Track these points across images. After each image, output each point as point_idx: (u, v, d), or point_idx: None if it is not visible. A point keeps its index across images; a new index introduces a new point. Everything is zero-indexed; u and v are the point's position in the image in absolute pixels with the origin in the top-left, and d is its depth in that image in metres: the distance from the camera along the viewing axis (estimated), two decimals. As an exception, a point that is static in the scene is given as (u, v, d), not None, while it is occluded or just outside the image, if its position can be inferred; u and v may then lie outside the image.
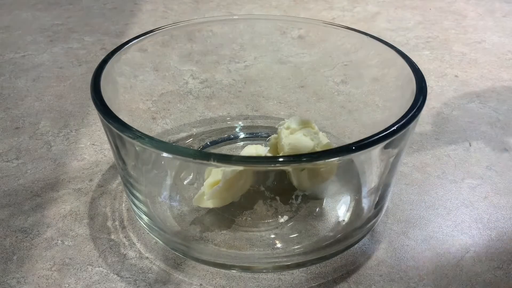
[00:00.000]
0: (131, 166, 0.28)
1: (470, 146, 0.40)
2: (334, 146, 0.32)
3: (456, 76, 0.52)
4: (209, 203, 0.30)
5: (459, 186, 0.36)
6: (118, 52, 0.31)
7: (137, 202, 0.30)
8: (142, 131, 0.23)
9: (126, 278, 0.28)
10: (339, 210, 0.32)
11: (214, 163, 0.22)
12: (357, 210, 0.32)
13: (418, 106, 0.25)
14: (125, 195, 0.34)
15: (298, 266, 0.28)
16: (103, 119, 0.25)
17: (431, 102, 0.46)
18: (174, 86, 0.40)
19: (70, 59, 0.54)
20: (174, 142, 0.39)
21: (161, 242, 0.30)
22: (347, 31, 0.35)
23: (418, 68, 0.29)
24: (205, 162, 0.22)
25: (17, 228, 0.31)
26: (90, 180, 0.35)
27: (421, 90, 0.27)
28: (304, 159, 0.23)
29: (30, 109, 0.44)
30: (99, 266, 0.28)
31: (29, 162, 0.37)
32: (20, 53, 0.55)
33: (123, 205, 0.33)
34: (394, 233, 0.31)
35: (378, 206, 0.30)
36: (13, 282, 0.27)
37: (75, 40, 0.59)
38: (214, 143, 0.39)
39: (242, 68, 0.43)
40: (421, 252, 0.30)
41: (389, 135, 0.23)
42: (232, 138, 0.40)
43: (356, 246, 0.30)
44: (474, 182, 0.36)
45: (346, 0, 0.74)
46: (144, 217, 0.30)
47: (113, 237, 0.30)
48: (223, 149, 0.39)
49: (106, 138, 0.33)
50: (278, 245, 0.30)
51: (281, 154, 0.32)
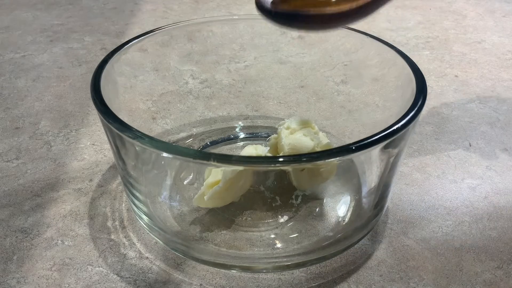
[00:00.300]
0: (131, 166, 0.28)
1: (470, 146, 0.40)
2: (334, 146, 0.32)
3: (456, 76, 0.52)
4: (209, 203, 0.30)
5: (459, 186, 0.36)
6: (118, 52, 0.31)
7: (137, 202, 0.30)
8: (142, 131, 0.23)
9: (126, 278, 0.28)
10: (339, 210, 0.32)
11: (214, 163, 0.22)
12: (357, 210, 0.32)
13: (418, 106, 0.25)
14: (125, 195, 0.34)
15: (298, 266, 0.28)
16: (103, 119, 0.25)
17: (431, 102, 0.46)
18: (174, 86, 0.40)
19: (70, 59, 0.54)
20: (174, 142, 0.39)
21: (161, 242, 0.30)
22: (347, 31, 0.35)
23: (418, 68, 0.29)
24: (205, 162, 0.22)
25: (17, 228, 0.31)
26: (90, 180, 0.35)
27: (421, 90, 0.27)
28: (304, 159, 0.23)
29: (30, 109, 0.44)
30: (99, 266, 0.28)
31: (29, 162, 0.37)
32: (20, 53, 0.55)
33: (123, 205, 0.33)
34: (394, 233, 0.31)
35: (378, 206, 0.30)
36: (13, 282, 0.27)
37: (75, 40, 0.59)
38: (214, 143, 0.39)
39: (242, 68, 0.43)
40: (421, 252, 0.30)
41: (389, 135, 0.23)
42: (232, 138, 0.40)
43: (356, 246, 0.30)
44: (474, 182, 0.36)
45: (346, 0, 0.74)
46: (144, 217, 0.30)
47: (113, 237, 0.30)
48: (223, 149, 0.39)
49: (106, 138, 0.33)
50: (278, 245, 0.30)
51: (281, 154, 0.32)
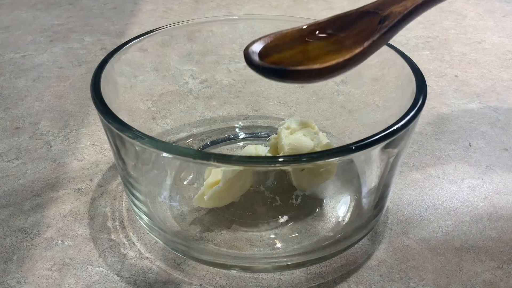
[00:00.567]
0: (131, 166, 0.28)
1: (470, 146, 0.40)
2: (334, 146, 0.32)
3: (456, 76, 0.52)
4: (209, 203, 0.30)
5: (459, 186, 0.36)
6: (118, 52, 0.31)
7: (137, 202, 0.30)
8: (142, 131, 0.23)
9: (126, 278, 0.28)
10: (339, 210, 0.32)
11: (214, 163, 0.22)
12: (357, 210, 0.32)
13: (418, 106, 0.25)
14: (125, 195, 0.34)
15: (298, 266, 0.28)
16: (103, 119, 0.25)
17: (431, 102, 0.46)
18: (174, 86, 0.40)
19: (70, 59, 0.54)
20: (174, 142, 0.39)
21: (161, 242, 0.30)
22: (347, 31, 0.35)
23: (418, 68, 0.29)
24: (205, 162, 0.22)
25: (17, 228, 0.31)
26: (90, 180, 0.35)
27: (421, 90, 0.27)
28: (304, 159, 0.23)
29: (30, 109, 0.44)
30: (99, 266, 0.28)
31: (29, 162, 0.37)
32: (20, 53, 0.55)
33: (123, 205, 0.33)
34: (394, 233, 0.31)
35: (378, 206, 0.30)
36: (13, 282, 0.27)
37: (75, 40, 0.59)
38: (214, 143, 0.39)
39: (242, 68, 0.43)
40: (421, 252, 0.30)
41: (389, 135, 0.23)
42: (232, 138, 0.40)
43: (356, 246, 0.30)
44: (474, 182, 0.36)
45: (346, 0, 0.74)
46: (144, 217, 0.30)
47: (113, 237, 0.30)
48: (223, 149, 0.39)
49: (106, 138, 0.33)
50: (278, 245, 0.30)
51: (281, 154, 0.32)
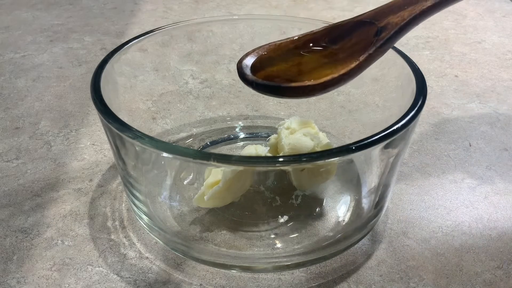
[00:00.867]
0: (131, 166, 0.28)
1: (470, 146, 0.40)
2: (334, 146, 0.32)
3: (456, 76, 0.52)
4: (209, 203, 0.30)
5: (459, 186, 0.36)
6: (118, 52, 0.31)
7: (137, 202, 0.30)
8: (142, 131, 0.23)
9: (126, 278, 0.28)
10: (339, 210, 0.32)
11: (214, 163, 0.22)
12: (357, 210, 0.32)
13: (418, 106, 0.25)
14: (125, 195, 0.34)
15: (298, 266, 0.28)
16: (103, 119, 0.25)
17: (431, 102, 0.46)
18: (174, 86, 0.40)
19: (70, 59, 0.54)
20: (174, 142, 0.39)
21: (161, 242, 0.30)
22: (347, 31, 0.35)
23: (418, 68, 0.29)
24: (205, 162, 0.22)
25: (17, 228, 0.31)
26: (90, 180, 0.35)
27: (421, 90, 0.27)
28: (304, 159, 0.23)
29: (30, 109, 0.44)
30: (99, 266, 0.28)
31: (29, 162, 0.37)
32: (20, 53, 0.55)
33: (123, 205, 0.33)
34: (394, 233, 0.31)
35: (378, 206, 0.30)
36: (13, 282, 0.27)
37: (75, 40, 0.59)
38: (214, 143, 0.39)
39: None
40: (421, 252, 0.30)
41: (389, 135, 0.23)
42: (232, 138, 0.40)
43: (356, 246, 0.30)
44: (474, 182, 0.36)
45: (346, 0, 0.74)
46: (144, 217, 0.30)
47: (113, 237, 0.30)
48: (223, 149, 0.39)
49: (106, 138, 0.33)
50: (278, 245, 0.30)
51: (281, 154, 0.32)
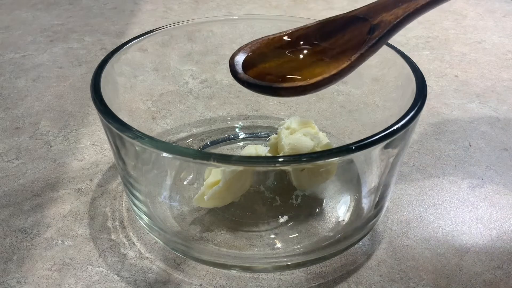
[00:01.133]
0: (131, 166, 0.28)
1: (470, 146, 0.40)
2: (334, 146, 0.32)
3: (456, 76, 0.52)
4: (209, 203, 0.30)
5: (459, 186, 0.36)
6: (118, 52, 0.31)
7: (137, 202, 0.30)
8: (142, 131, 0.23)
9: (126, 278, 0.28)
10: (339, 210, 0.32)
11: (214, 163, 0.22)
12: (357, 210, 0.32)
13: (418, 106, 0.25)
14: (125, 195, 0.34)
15: (298, 266, 0.28)
16: (103, 119, 0.25)
17: (431, 102, 0.46)
18: (174, 86, 0.40)
19: (70, 59, 0.54)
20: (174, 142, 0.39)
21: (161, 242, 0.30)
22: (347, 31, 0.35)
23: (418, 68, 0.29)
24: (205, 162, 0.22)
25: (17, 228, 0.31)
26: (90, 180, 0.35)
27: (421, 90, 0.27)
28: (304, 159, 0.23)
29: (30, 109, 0.44)
30: (99, 266, 0.28)
31: (29, 162, 0.37)
32: (20, 53, 0.55)
33: (123, 205, 0.33)
34: (394, 233, 0.31)
35: (378, 206, 0.30)
36: (13, 282, 0.27)
37: (75, 40, 0.59)
38: (214, 143, 0.39)
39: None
40: (421, 252, 0.30)
41: (389, 135, 0.23)
42: (232, 138, 0.40)
43: (356, 246, 0.30)
44: (474, 182, 0.36)
45: (346, 0, 0.74)
46: (144, 217, 0.30)
47: (113, 237, 0.30)
48: (223, 149, 0.39)
49: (106, 138, 0.33)
50: (278, 245, 0.30)
51: (281, 154, 0.32)
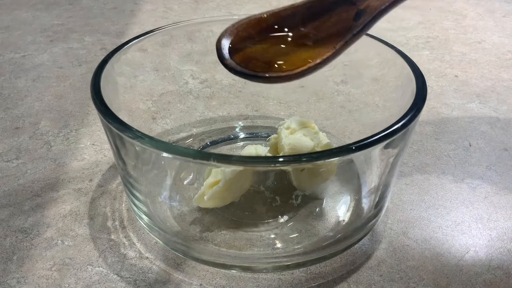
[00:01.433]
0: (131, 166, 0.28)
1: (470, 146, 0.40)
2: (334, 146, 0.32)
3: (456, 76, 0.52)
4: (209, 203, 0.30)
5: (459, 186, 0.36)
6: (118, 52, 0.31)
7: (137, 202, 0.30)
8: (142, 131, 0.23)
9: (126, 278, 0.28)
10: (339, 210, 0.32)
11: (214, 163, 0.22)
12: (357, 210, 0.32)
13: (418, 106, 0.25)
14: (125, 195, 0.34)
15: (298, 266, 0.28)
16: (103, 119, 0.25)
17: (431, 102, 0.46)
18: (174, 86, 0.40)
19: (70, 59, 0.54)
20: (174, 142, 0.39)
21: (161, 242, 0.30)
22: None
23: (418, 68, 0.29)
24: (205, 162, 0.22)
25: (17, 228, 0.31)
26: (90, 180, 0.35)
27: (421, 90, 0.27)
28: (304, 159, 0.23)
29: (30, 109, 0.44)
30: (99, 266, 0.28)
31: (29, 162, 0.37)
32: (20, 53, 0.55)
33: (123, 205, 0.33)
34: (394, 233, 0.31)
35: (378, 206, 0.30)
36: (13, 282, 0.27)
37: (75, 40, 0.59)
38: (214, 143, 0.39)
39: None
40: (421, 252, 0.30)
41: (389, 135, 0.23)
42: (232, 138, 0.40)
43: (356, 246, 0.30)
44: (474, 182, 0.36)
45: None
46: (144, 217, 0.30)
47: (113, 237, 0.30)
48: (223, 149, 0.39)
49: (106, 138, 0.33)
50: (278, 245, 0.30)
51: (281, 154, 0.32)
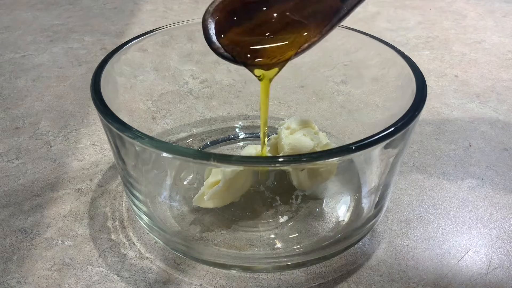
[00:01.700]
0: (131, 166, 0.28)
1: (470, 146, 0.40)
2: (334, 146, 0.32)
3: (456, 76, 0.52)
4: (209, 203, 0.30)
5: (459, 186, 0.36)
6: (118, 52, 0.31)
7: (137, 202, 0.30)
8: (142, 131, 0.23)
9: (126, 278, 0.28)
10: (339, 210, 0.32)
11: (214, 163, 0.22)
12: (357, 210, 0.32)
13: (418, 106, 0.25)
14: (125, 195, 0.34)
15: (298, 266, 0.28)
16: (103, 119, 0.25)
17: (431, 102, 0.46)
18: (174, 86, 0.40)
19: (70, 59, 0.54)
20: (174, 142, 0.39)
21: (161, 242, 0.30)
22: (347, 31, 0.35)
23: (418, 68, 0.29)
24: (205, 162, 0.22)
25: (17, 228, 0.31)
26: (90, 180, 0.35)
27: (421, 90, 0.27)
28: (304, 159, 0.23)
29: (30, 109, 0.44)
30: (99, 266, 0.28)
31: (29, 162, 0.37)
32: (20, 53, 0.55)
33: (123, 205, 0.33)
34: (394, 233, 0.31)
35: (378, 206, 0.30)
36: (13, 282, 0.27)
37: (75, 40, 0.59)
38: (214, 143, 0.39)
39: (242, 68, 0.43)
40: (421, 252, 0.30)
41: (389, 135, 0.23)
42: (232, 138, 0.40)
43: (356, 246, 0.30)
44: (474, 182, 0.36)
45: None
46: (144, 217, 0.30)
47: (113, 237, 0.30)
48: (223, 149, 0.39)
49: (106, 138, 0.33)
50: (278, 245, 0.30)
51: (281, 154, 0.32)
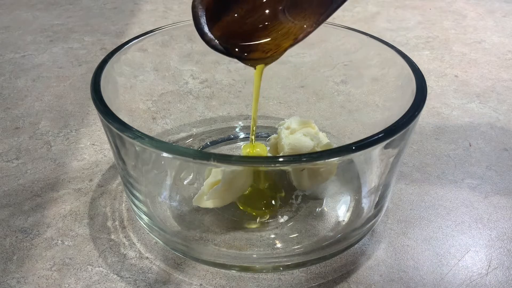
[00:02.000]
0: (131, 166, 0.28)
1: (470, 146, 0.40)
2: (334, 146, 0.32)
3: (456, 76, 0.52)
4: (209, 203, 0.30)
5: (459, 186, 0.36)
6: (118, 52, 0.31)
7: (137, 202, 0.30)
8: (142, 131, 0.23)
9: (126, 278, 0.28)
10: (339, 210, 0.32)
11: (214, 163, 0.22)
12: (357, 210, 0.32)
13: (418, 106, 0.25)
14: (125, 195, 0.34)
15: (298, 266, 0.28)
16: (103, 119, 0.25)
17: (431, 102, 0.46)
18: (174, 86, 0.40)
19: (70, 59, 0.54)
20: (174, 142, 0.39)
21: (161, 242, 0.30)
22: (347, 31, 0.35)
23: (418, 68, 0.29)
24: (205, 162, 0.22)
25: (17, 228, 0.31)
26: (90, 180, 0.35)
27: (421, 90, 0.27)
28: (304, 159, 0.23)
29: (30, 109, 0.44)
30: (99, 266, 0.28)
31: (29, 162, 0.37)
32: (20, 53, 0.55)
33: (123, 205, 0.33)
34: (394, 233, 0.31)
35: (378, 206, 0.30)
36: (13, 282, 0.27)
37: (75, 40, 0.59)
38: (214, 143, 0.39)
39: (242, 68, 0.43)
40: (421, 252, 0.30)
41: (389, 135, 0.23)
42: (232, 138, 0.40)
43: (356, 246, 0.30)
44: (474, 182, 0.36)
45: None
46: (144, 217, 0.30)
47: (113, 237, 0.30)
48: (223, 149, 0.39)
49: (106, 138, 0.33)
50: (278, 245, 0.30)
51: (281, 154, 0.32)
